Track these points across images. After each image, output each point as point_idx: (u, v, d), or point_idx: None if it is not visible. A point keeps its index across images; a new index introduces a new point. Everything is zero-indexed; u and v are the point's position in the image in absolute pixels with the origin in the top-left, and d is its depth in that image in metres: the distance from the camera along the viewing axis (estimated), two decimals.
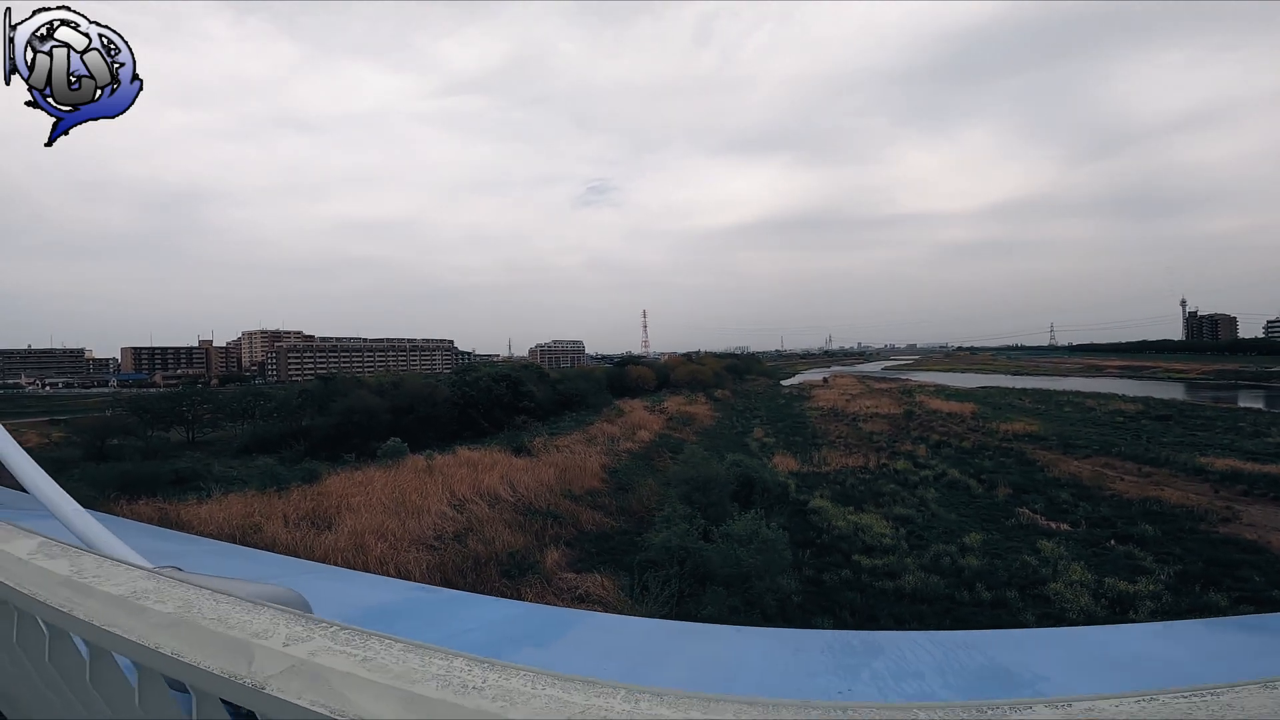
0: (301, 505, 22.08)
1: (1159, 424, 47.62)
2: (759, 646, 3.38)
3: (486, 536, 18.34)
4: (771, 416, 58.43)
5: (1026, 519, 23.82)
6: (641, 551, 16.80)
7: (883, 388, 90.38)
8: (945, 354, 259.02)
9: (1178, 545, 20.23)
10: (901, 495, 26.86)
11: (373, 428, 35.54)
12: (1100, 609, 15.61)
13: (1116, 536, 21.23)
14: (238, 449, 38.04)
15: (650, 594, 12.46)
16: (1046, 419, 51.58)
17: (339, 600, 3.46)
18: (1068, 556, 18.76)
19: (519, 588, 14.34)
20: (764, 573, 13.47)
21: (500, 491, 24.19)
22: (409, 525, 19.05)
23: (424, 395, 40.32)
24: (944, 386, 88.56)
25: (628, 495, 24.63)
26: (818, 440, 43.15)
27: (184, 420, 44.00)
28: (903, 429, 47.82)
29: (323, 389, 41.30)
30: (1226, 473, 29.37)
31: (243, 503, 22.75)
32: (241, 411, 46.85)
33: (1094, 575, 17.23)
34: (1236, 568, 18.00)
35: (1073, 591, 16.27)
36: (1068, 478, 30.31)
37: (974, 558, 18.71)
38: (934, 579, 17.08)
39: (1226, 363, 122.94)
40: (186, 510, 22.43)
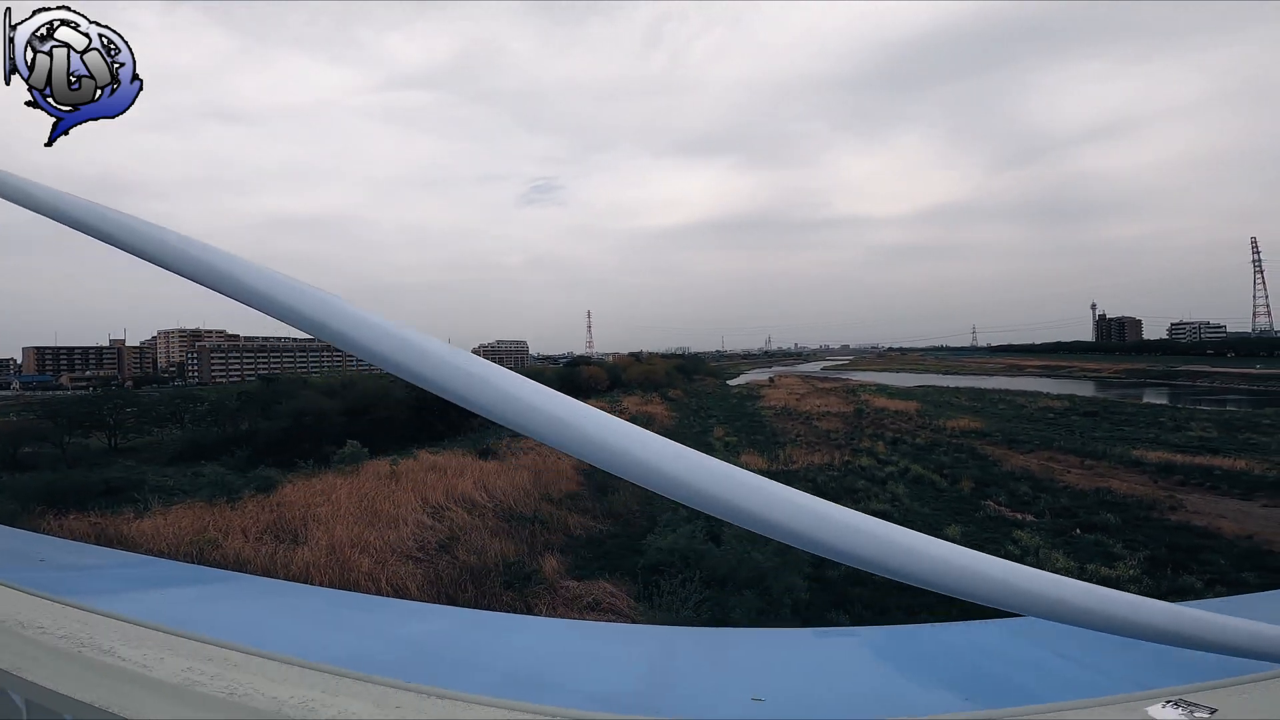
0: (260, 517, 20.44)
1: (1087, 420, 50.75)
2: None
3: (474, 546, 17.41)
4: (728, 416, 58.94)
5: (994, 511, 24.77)
6: (643, 555, 16.31)
7: (827, 387, 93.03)
8: (878, 354, 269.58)
9: (1138, 532, 21.43)
10: (873, 491, 27.43)
11: (324, 431, 33.49)
12: None
13: (1081, 525, 22.32)
14: (171, 456, 35.03)
15: (665, 600, 11.99)
16: (985, 416, 54.14)
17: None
18: (1044, 545, 19.55)
19: (527, 600, 13.58)
20: (781, 573, 13.27)
21: (476, 497, 23.18)
22: (387, 536, 17.87)
23: (378, 396, 38.36)
24: (884, 385, 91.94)
25: (609, 497, 24.03)
26: (779, 439, 43.73)
27: (104, 425, 40.22)
28: (856, 427, 49.13)
29: (265, 390, 38.64)
30: (1161, 464, 31.47)
31: (191, 515, 20.84)
32: (169, 415, 43.28)
33: (1075, 562, 17.99)
34: (1198, 552, 19.19)
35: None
36: (1020, 471, 31.77)
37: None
38: None
39: (1135, 362, 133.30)
40: (126, 525, 20.39)
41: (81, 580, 2.59)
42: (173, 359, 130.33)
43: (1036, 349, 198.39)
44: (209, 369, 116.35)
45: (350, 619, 2.53)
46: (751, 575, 13.24)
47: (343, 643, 2.06)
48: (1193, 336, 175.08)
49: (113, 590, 2.65)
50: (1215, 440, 38.77)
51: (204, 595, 2.82)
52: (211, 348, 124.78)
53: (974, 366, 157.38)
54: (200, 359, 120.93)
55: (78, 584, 1.96)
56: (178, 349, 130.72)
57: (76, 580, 2.48)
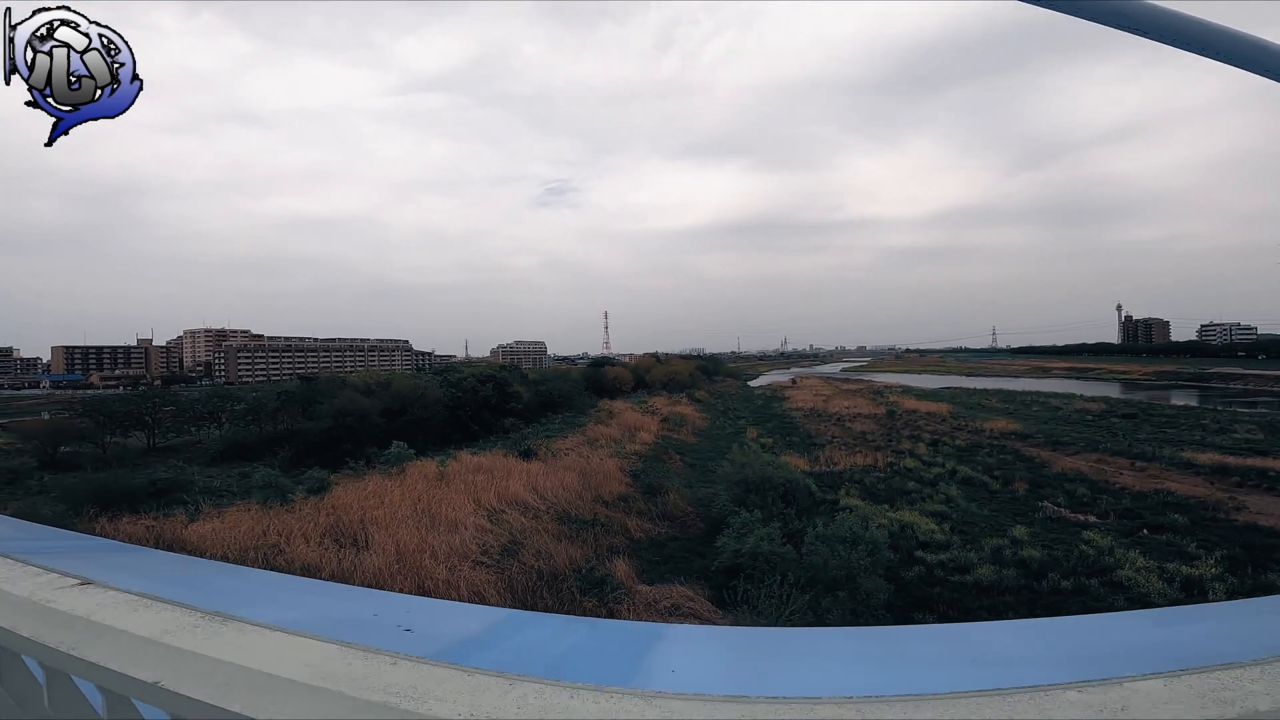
0: (317, 520, 20.31)
1: (1127, 422, 49.78)
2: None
3: (538, 550, 17.17)
4: (757, 417, 58.45)
5: (1053, 512, 24.20)
6: (716, 558, 16.02)
7: (851, 388, 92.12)
8: (896, 356, 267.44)
9: (1207, 533, 20.87)
10: (925, 492, 26.95)
11: (365, 431, 33.48)
12: (1174, 590, 15.82)
13: (1148, 526, 21.76)
14: (213, 456, 35.20)
15: (763, 604, 11.69)
16: (1021, 418, 53.26)
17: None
18: (1118, 546, 19.03)
19: (608, 605, 13.32)
20: (870, 573, 12.94)
21: (528, 499, 22.96)
22: (450, 541, 17.67)
23: (415, 396, 38.32)
24: (909, 387, 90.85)
25: (660, 499, 23.75)
26: (815, 440, 43.22)
27: (144, 424, 40.50)
28: (891, 429, 48.49)
29: (306, 390, 38.71)
30: (1214, 466, 30.75)
31: (247, 518, 20.78)
32: (207, 415, 43.54)
33: (1153, 561, 17.53)
34: (1272, 551, 18.71)
35: (1143, 576, 16.49)
36: (1072, 473, 31.11)
37: (1032, 549, 18.75)
38: (1006, 572, 16.98)
39: (1164, 364, 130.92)
40: (182, 528, 20.35)
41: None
42: (198, 358, 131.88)
43: (1059, 351, 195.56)
44: (235, 368, 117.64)
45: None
46: (838, 577, 12.90)
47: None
48: (1223, 338, 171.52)
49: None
50: (1262, 443, 38.02)
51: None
52: (237, 347, 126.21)
53: (997, 368, 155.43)
54: (227, 358, 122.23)
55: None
56: (203, 348, 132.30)
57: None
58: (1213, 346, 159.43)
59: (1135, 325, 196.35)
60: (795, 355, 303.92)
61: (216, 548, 18.39)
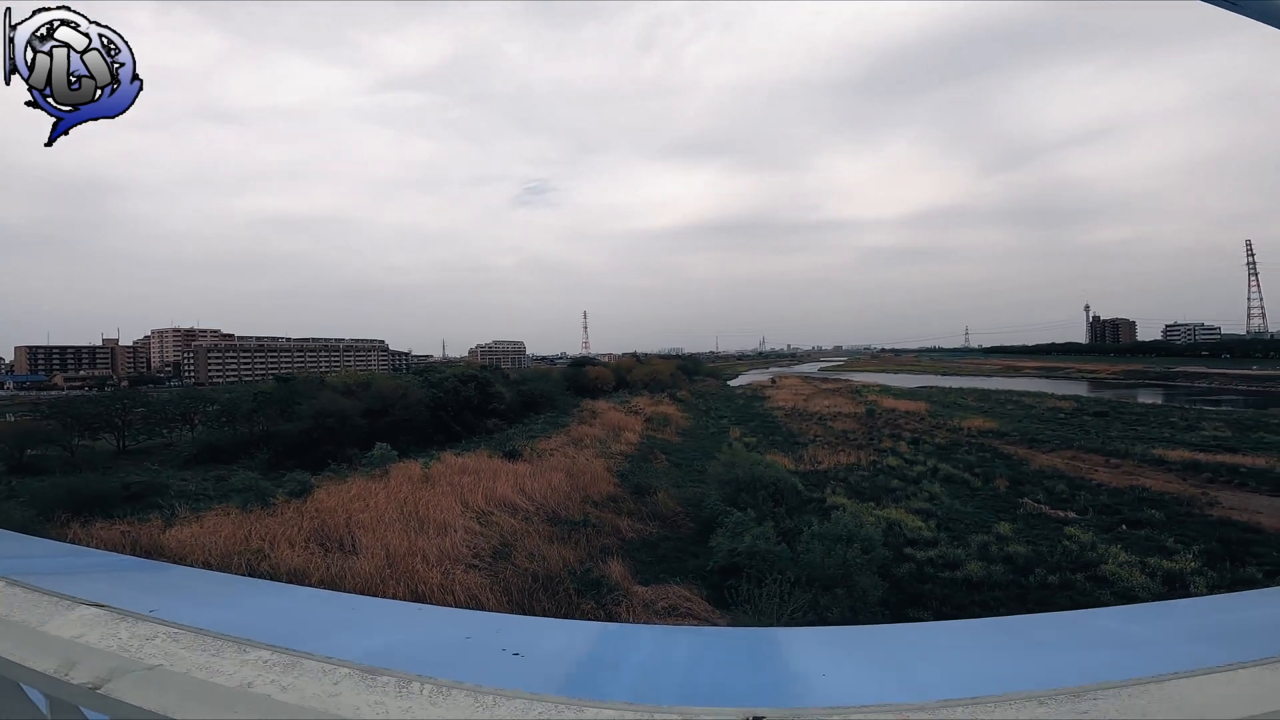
0: (300, 525, 19.84)
1: (1099, 420, 50.97)
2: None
3: (531, 552, 16.98)
4: (739, 417, 58.71)
5: (1033, 509, 24.67)
6: (711, 558, 16.01)
7: (830, 388, 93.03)
8: (872, 355, 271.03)
9: (1184, 528, 21.43)
10: (909, 490, 27.32)
11: (346, 432, 32.83)
12: (1157, 585, 16.20)
13: (1126, 522, 22.30)
14: (186, 459, 34.21)
15: (764, 604, 11.68)
16: (997, 416, 54.23)
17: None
18: (1099, 541, 19.46)
19: (606, 607, 13.20)
20: (865, 570, 13.03)
21: (517, 501, 22.74)
22: (441, 544, 17.39)
23: (397, 397, 37.70)
24: (886, 386, 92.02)
25: (649, 499, 23.68)
26: (798, 439, 43.54)
27: (113, 427, 39.22)
28: (871, 427, 49.04)
29: (284, 390, 37.82)
30: (1185, 463, 31.61)
31: (228, 523, 20.20)
32: (179, 416, 42.32)
33: (1135, 556, 17.96)
34: (1248, 545, 19.27)
35: (1126, 571, 16.87)
36: (1049, 469, 31.77)
37: (1017, 545, 19.07)
38: (995, 568, 17.25)
39: (1131, 364, 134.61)
40: (159, 533, 19.71)
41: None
42: (167, 359, 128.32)
43: (1030, 350, 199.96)
44: (205, 369, 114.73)
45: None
46: (834, 575, 12.96)
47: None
48: (1188, 338, 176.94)
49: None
50: (1230, 439, 39.12)
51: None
52: (207, 347, 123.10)
53: (970, 368, 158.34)
54: (196, 358, 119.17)
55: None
56: (172, 348, 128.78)
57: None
58: (1178, 346, 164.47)
59: (1103, 325, 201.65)
60: (773, 355, 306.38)
61: (197, 553, 17.86)
